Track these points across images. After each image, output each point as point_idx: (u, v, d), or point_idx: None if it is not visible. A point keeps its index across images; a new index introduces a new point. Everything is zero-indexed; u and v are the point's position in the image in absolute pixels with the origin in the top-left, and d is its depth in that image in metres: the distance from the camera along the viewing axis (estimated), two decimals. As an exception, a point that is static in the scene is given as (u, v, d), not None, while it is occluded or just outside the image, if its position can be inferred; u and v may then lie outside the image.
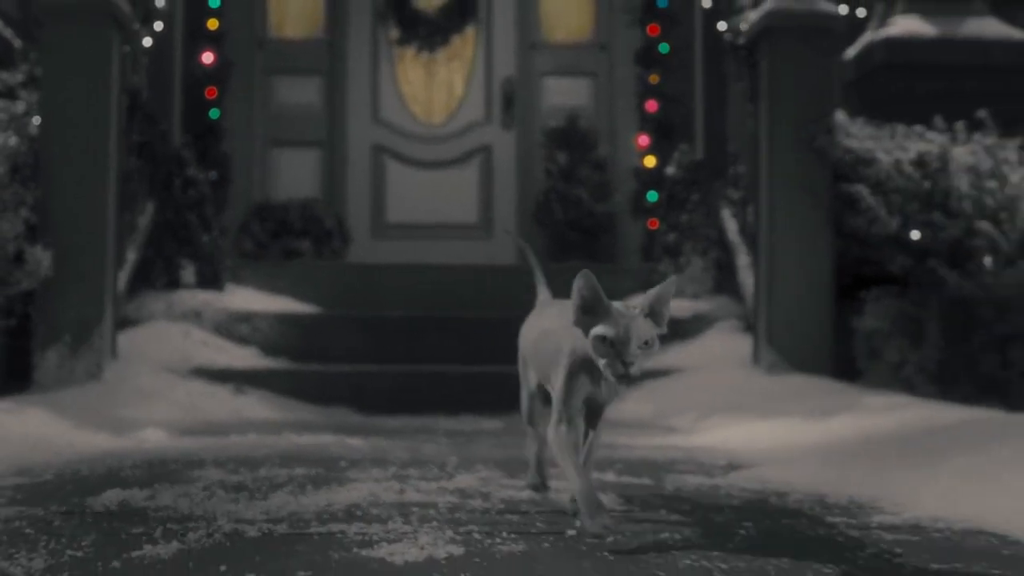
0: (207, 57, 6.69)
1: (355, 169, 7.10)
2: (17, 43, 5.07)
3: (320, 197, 6.92)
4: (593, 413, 1.96)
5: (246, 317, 5.08)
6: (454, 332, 5.18)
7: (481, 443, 3.43)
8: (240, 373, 4.56)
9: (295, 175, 7.04)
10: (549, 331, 2.00)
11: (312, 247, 6.47)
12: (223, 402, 4.31)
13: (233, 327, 5.02)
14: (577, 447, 1.91)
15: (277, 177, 7.04)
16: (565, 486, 2.38)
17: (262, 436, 3.50)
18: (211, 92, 6.70)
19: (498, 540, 1.84)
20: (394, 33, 7.18)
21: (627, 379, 1.76)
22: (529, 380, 2.21)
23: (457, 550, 1.76)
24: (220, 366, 4.63)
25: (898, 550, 1.80)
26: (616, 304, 1.80)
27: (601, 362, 1.77)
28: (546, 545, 1.82)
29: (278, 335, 5.04)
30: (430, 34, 7.20)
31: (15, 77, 4.63)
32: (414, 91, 7.25)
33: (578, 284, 1.79)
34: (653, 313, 1.80)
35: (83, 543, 1.80)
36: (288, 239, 6.51)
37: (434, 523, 1.98)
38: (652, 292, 1.83)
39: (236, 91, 6.84)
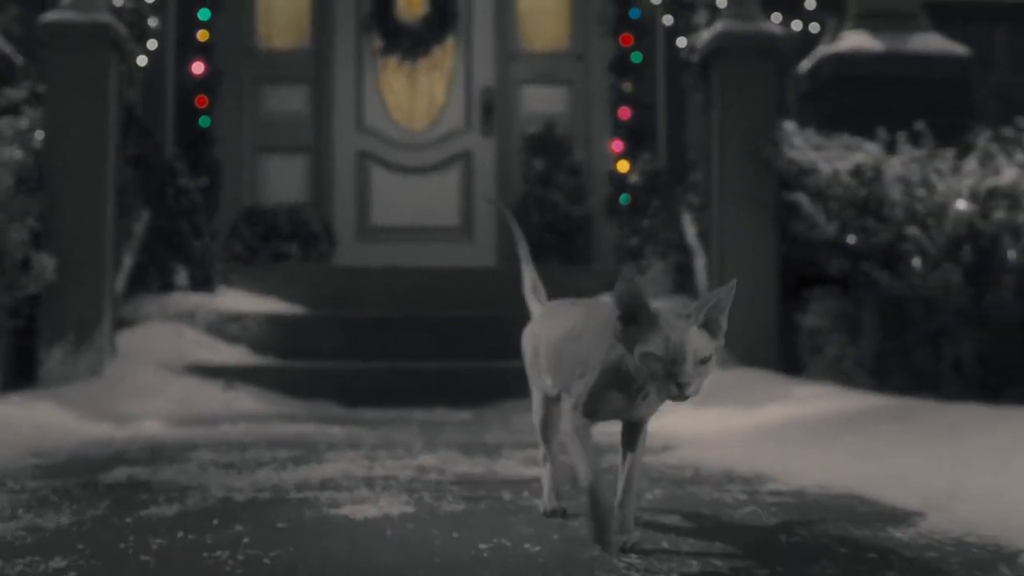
0: (198, 67, 7.09)
1: (341, 174, 7.51)
2: (19, 59, 5.46)
3: (307, 201, 7.32)
4: (631, 430, 1.77)
5: (236, 317, 5.48)
6: (432, 331, 5.58)
7: (448, 431, 3.83)
8: (230, 370, 4.96)
9: (283, 180, 7.44)
10: (577, 334, 1.77)
11: (299, 250, 6.88)
12: (214, 397, 4.71)
13: (224, 327, 5.42)
14: (590, 438, 1.75)
15: (266, 183, 7.44)
16: (511, 466, 2.79)
17: (251, 426, 3.90)
18: (202, 101, 7.10)
19: (444, 503, 2.25)
20: (377, 43, 7.58)
21: (683, 400, 1.58)
22: (545, 386, 1.92)
23: (408, 509, 2.17)
24: (212, 363, 5.03)
25: (773, 508, 2.22)
26: (664, 312, 1.61)
27: (651, 383, 1.59)
28: (483, 506, 2.22)
29: (266, 334, 5.44)
30: (412, 45, 7.60)
31: (19, 93, 5.02)
32: (397, 99, 7.65)
33: (618, 291, 1.59)
34: (709, 323, 1.60)
35: (100, 506, 2.20)
36: (277, 242, 6.91)
37: (393, 491, 2.39)
38: (708, 298, 1.63)
39: (226, 100, 7.24)
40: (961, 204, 4.28)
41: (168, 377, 4.75)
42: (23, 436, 3.26)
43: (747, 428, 3.40)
